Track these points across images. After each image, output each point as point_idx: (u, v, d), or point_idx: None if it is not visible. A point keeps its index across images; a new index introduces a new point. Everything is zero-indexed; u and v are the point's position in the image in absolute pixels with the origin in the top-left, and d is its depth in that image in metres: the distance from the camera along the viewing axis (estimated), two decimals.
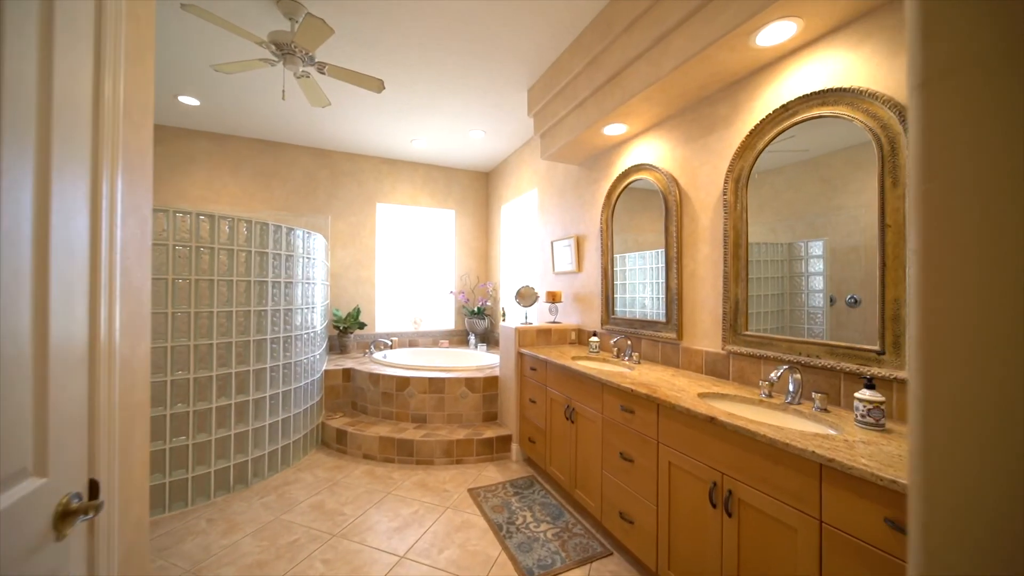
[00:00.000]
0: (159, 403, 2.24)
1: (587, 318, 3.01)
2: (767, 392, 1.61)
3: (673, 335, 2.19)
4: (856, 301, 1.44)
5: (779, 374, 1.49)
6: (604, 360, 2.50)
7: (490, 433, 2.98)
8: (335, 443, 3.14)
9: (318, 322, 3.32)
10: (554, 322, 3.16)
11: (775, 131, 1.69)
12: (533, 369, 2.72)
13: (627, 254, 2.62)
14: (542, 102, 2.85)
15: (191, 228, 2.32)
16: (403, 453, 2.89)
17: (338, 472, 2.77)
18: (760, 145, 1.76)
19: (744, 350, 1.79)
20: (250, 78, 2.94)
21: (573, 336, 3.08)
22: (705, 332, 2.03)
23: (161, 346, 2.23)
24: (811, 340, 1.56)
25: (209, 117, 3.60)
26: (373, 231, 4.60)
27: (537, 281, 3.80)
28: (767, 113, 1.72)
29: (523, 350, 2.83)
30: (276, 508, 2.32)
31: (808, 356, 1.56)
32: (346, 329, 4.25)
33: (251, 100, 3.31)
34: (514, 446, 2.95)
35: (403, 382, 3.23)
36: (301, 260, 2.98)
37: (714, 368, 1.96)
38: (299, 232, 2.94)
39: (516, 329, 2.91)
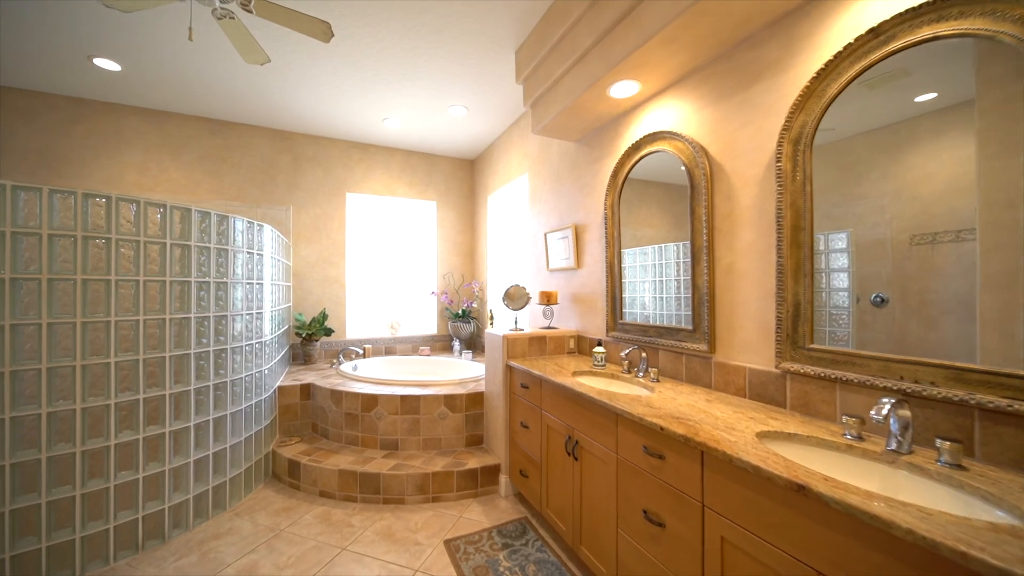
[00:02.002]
0: (30, 444, 1.69)
1: (589, 323, 2.53)
2: (854, 433, 1.14)
3: (703, 347, 1.71)
4: (883, 300, 1.20)
5: (885, 411, 1.01)
6: (613, 377, 2.02)
7: (474, 463, 2.48)
8: (287, 476, 2.61)
9: (268, 329, 2.78)
10: (549, 327, 2.67)
11: (857, 67, 1.22)
12: (525, 387, 2.22)
13: (641, 248, 2.14)
14: (533, 62, 2.36)
15: (76, 212, 1.77)
16: (367, 490, 2.37)
17: (285, 517, 2.24)
18: (832, 91, 1.29)
19: (811, 370, 1.32)
20: (178, 35, 2.39)
21: (572, 344, 2.59)
22: (748, 344, 1.56)
23: (33, 368, 1.68)
24: (923, 360, 1.09)
25: (137, 87, 3.03)
26: (343, 224, 4.06)
27: (529, 280, 3.31)
28: (845, 44, 1.25)
29: (512, 362, 2.34)
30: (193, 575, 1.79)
31: (918, 383, 1.09)
32: (310, 336, 3.71)
33: (188, 67, 2.76)
34: (503, 478, 2.45)
35: (370, 401, 2.71)
36: (242, 255, 2.44)
37: (763, 392, 1.49)
38: (238, 221, 2.39)
39: (504, 337, 2.42)
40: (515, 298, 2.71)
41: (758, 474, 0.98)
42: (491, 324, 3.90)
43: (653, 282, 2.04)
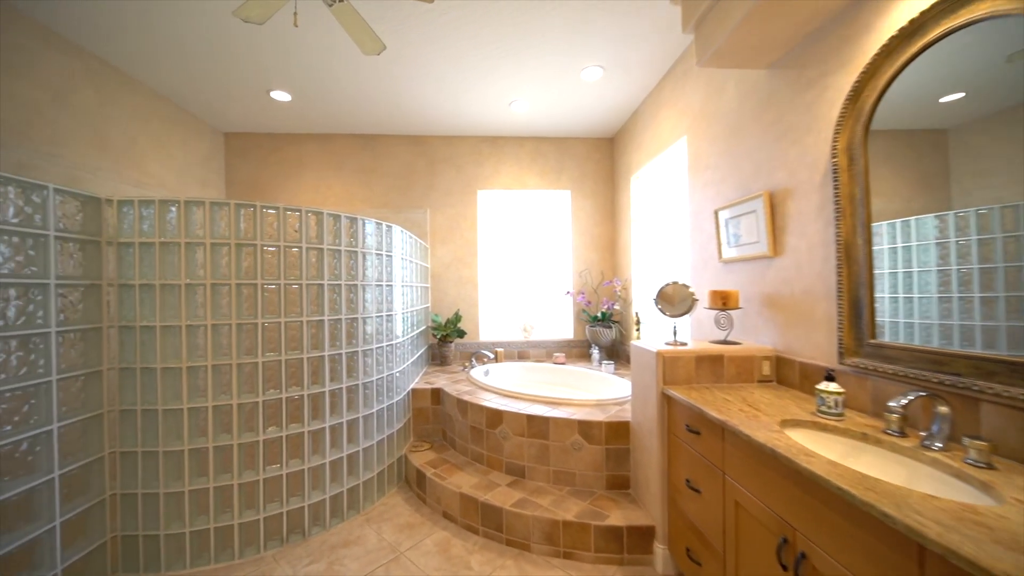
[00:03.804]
0: (201, 433, 1.87)
1: (799, 339, 1.65)
2: None
3: None
4: None
5: None
6: (865, 438, 1.16)
7: (618, 517, 1.89)
8: (415, 486, 2.50)
9: (400, 331, 2.74)
10: (726, 341, 1.88)
11: None
12: (693, 431, 1.53)
13: (919, 217, 1.22)
14: None
15: (230, 222, 1.90)
16: (489, 524, 2.04)
17: (407, 536, 2.08)
18: None
19: None
20: (330, 58, 2.51)
21: (766, 370, 1.74)
22: None
23: (201, 364, 1.86)
24: None
25: (307, 115, 3.43)
26: (474, 223, 3.95)
27: (691, 276, 2.51)
28: None
29: (671, 391, 1.66)
30: None
31: None
32: (445, 337, 3.68)
33: (340, 88, 2.95)
34: (659, 549, 1.79)
35: (494, 417, 2.39)
36: (371, 257, 2.41)
37: None
38: (367, 223, 2.37)
39: (658, 354, 1.76)
40: (673, 300, 2.00)
41: None
42: (637, 331, 3.21)
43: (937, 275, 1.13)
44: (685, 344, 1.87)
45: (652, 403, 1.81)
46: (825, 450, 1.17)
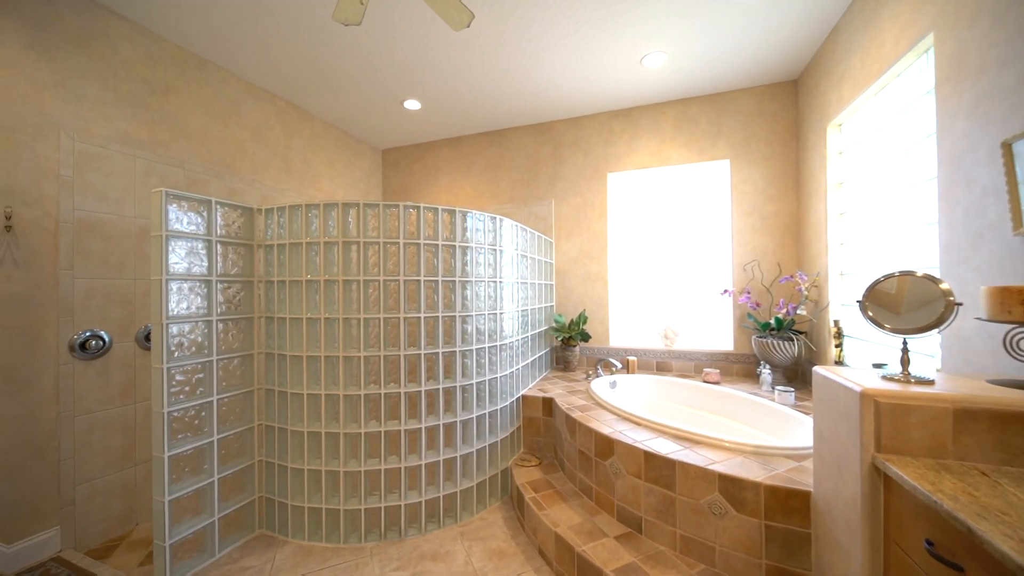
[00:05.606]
0: (316, 418, 2.03)
1: None
2: None
3: None
4: None
5: None
6: None
7: None
8: (516, 505, 2.23)
9: (510, 331, 2.52)
10: None
11: None
12: (951, 565, 0.77)
13: None
14: None
15: (338, 222, 2.00)
16: None
17: (494, 567, 1.82)
18: None
19: None
20: (447, 61, 2.51)
21: None
22: None
23: (315, 355, 2.01)
24: None
25: (435, 118, 3.58)
26: (603, 211, 3.45)
27: (938, 262, 1.48)
28: None
29: (891, 466, 0.91)
30: None
31: None
32: (568, 340, 3.32)
33: (461, 87, 2.96)
34: None
35: (604, 445, 1.92)
36: (471, 252, 2.26)
37: None
38: (469, 216, 2.22)
39: (863, 395, 1.01)
40: (898, 305, 1.14)
41: None
42: (838, 348, 2.19)
43: None
44: (931, 382, 1.03)
45: (851, 475, 1.06)
46: None
